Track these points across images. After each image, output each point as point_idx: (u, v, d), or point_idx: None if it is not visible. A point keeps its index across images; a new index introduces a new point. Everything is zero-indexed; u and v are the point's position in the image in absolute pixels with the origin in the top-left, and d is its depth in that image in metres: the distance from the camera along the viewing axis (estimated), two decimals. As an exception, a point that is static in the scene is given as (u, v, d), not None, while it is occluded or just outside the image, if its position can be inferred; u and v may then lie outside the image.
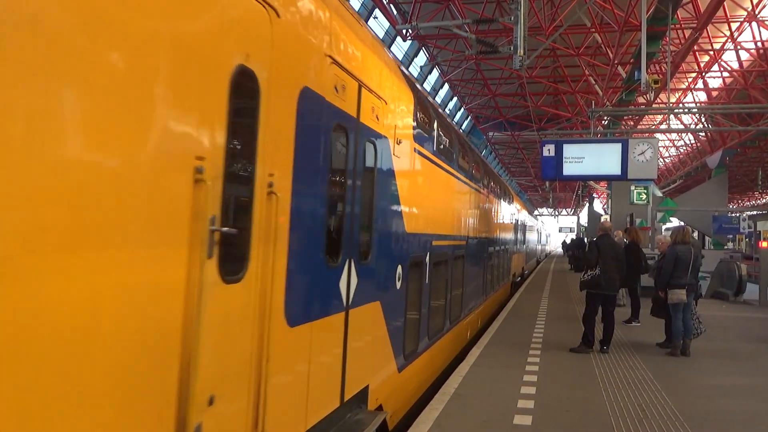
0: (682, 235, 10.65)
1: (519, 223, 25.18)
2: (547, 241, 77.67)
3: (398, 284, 6.51)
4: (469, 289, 11.93)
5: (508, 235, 20.73)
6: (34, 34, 2.09)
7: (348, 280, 4.94)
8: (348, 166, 4.97)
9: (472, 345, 10.96)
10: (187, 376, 2.88)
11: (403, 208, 6.66)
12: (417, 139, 7.27)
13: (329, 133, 4.52)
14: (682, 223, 25.56)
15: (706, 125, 33.06)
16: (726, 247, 35.62)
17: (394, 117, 6.24)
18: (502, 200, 18.15)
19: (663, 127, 30.95)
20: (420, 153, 7.46)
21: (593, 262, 10.23)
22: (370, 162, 5.56)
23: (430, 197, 8.22)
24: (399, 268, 6.51)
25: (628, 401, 7.28)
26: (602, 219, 35.46)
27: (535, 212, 77.25)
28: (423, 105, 7.86)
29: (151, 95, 2.67)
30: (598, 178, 25.40)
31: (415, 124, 7.14)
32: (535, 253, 46.25)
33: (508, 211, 20.41)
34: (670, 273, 10.20)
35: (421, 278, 7.73)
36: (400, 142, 6.35)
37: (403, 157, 6.60)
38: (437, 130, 8.58)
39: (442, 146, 8.98)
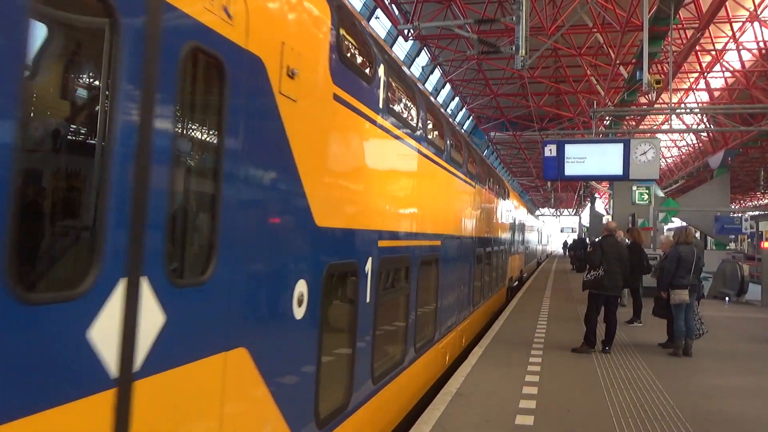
0: (685, 236, 10.64)
1: (517, 221, 22.97)
2: (548, 242, 73.48)
3: (299, 311, 4.02)
4: (447, 302, 9.48)
5: (504, 235, 18.23)
6: None
7: (127, 322, 2.45)
8: (119, 87, 2.41)
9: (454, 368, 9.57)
10: None
11: (307, 186, 4.08)
12: (340, 80, 4.57)
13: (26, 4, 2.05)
14: (685, 224, 25.53)
15: (708, 125, 33.03)
16: (728, 247, 35.55)
17: (278, 30, 3.67)
18: (496, 195, 15.70)
19: (665, 127, 30.97)
20: (347, 104, 4.73)
21: (597, 262, 10.23)
22: (204, 93, 3.22)
23: (370, 177, 5.54)
24: (300, 286, 4.01)
25: (630, 401, 7.27)
26: (604, 219, 35.43)
27: (537, 212, 77.09)
28: (353, 33, 5.27)
29: None
30: (599, 179, 25.43)
31: (335, 57, 4.51)
32: (535, 254, 42.65)
33: (504, 208, 17.93)
34: (672, 273, 10.19)
35: (357, 296, 5.22)
36: (293, 75, 3.75)
37: (305, 101, 4.00)
38: (385, 78, 5.77)
39: (394, 105, 6.26)
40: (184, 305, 2.83)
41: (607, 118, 26.26)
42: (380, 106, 5.66)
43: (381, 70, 5.74)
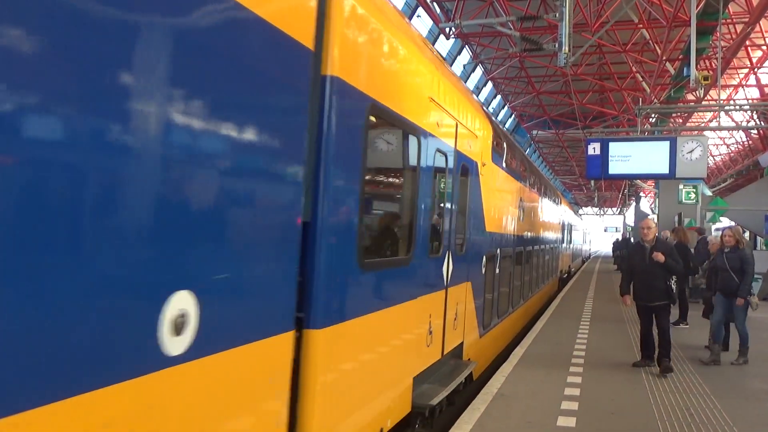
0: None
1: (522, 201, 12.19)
2: (585, 240, 60.41)
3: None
4: None
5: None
6: None
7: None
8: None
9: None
10: None
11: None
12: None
13: None
14: (733, 223, 24.90)
15: (758, 122, 32.15)
16: (779, 248, 34.51)
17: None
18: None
19: (713, 124, 30.25)
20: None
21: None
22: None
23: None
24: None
25: (676, 405, 7.13)
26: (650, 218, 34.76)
27: (580, 211, 75.84)
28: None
29: None
30: (645, 177, 24.96)
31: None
32: (557, 262, 23.88)
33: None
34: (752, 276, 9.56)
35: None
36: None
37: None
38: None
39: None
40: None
41: (652, 115, 25.76)
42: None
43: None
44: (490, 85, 35.93)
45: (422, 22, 25.72)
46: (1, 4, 1.79)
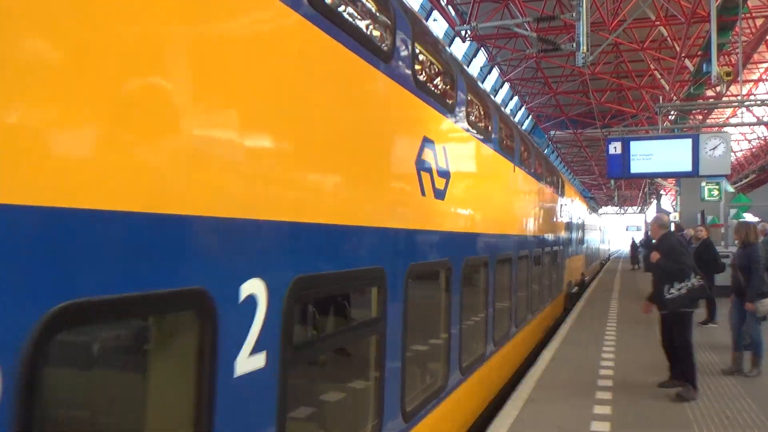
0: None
1: None
2: (603, 239, 51.21)
3: None
4: None
5: None
6: None
7: None
8: None
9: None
10: None
11: None
12: None
13: None
14: (758, 219, 24.58)
15: (780, 117, 31.77)
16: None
17: None
18: None
19: (734, 120, 29.92)
20: None
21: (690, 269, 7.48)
22: None
23: None
24: None
25: (711, 407, 7.02)
26: (672, 216, 34.46)
27: (601, 210, 75.18)
28: None
29: None
30: (668, 176, 24.68)
31: None
32: (560, 279, 16.50)
33: None
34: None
35: None
36: None
37: None
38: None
39: None
40: None
41: (671, 113, 25.52)
42: None
43: None
44: (506, 86, 35.83)
45: (438, 26, 25.74)
46: None
